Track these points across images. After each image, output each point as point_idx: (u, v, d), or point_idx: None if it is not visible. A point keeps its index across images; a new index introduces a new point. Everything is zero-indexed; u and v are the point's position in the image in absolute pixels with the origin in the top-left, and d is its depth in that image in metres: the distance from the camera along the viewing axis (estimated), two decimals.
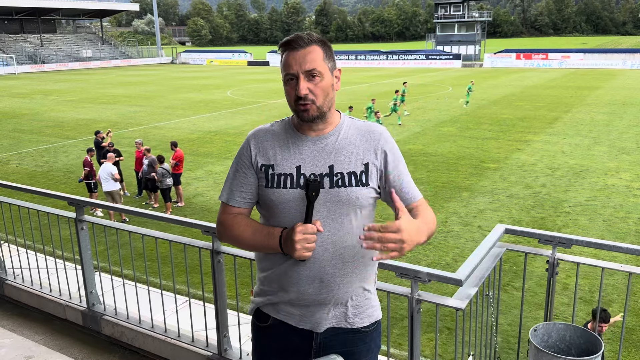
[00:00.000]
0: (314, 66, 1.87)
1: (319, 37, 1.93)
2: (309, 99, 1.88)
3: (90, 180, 12.24)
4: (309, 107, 1.89)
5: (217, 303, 3.44)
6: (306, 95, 1.87)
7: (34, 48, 72.84)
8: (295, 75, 1.88)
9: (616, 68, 51.78)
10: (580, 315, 7.28)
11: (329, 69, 1.92)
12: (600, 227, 10.63)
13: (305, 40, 1.88)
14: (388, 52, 66.09)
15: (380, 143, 1.99)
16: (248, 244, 2.02)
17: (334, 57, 1.98)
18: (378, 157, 1.98)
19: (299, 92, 1.86)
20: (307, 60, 1.87)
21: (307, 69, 1.86)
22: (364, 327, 2.07)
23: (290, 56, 1.88)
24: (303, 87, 1.87)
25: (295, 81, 1.88)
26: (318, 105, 1.90)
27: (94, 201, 4.55)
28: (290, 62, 1.88)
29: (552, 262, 2.96)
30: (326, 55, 1.91)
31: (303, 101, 1.88)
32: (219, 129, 22.49)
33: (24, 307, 4.68)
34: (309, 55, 1.87)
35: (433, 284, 2.86)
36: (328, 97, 1.92)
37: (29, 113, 28.58)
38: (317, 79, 1.88)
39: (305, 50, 1.87)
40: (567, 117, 23.51)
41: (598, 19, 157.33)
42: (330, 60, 1.93)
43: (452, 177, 14.40)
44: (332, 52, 1.95)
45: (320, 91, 1.89)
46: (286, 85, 1.92)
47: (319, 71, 1.88)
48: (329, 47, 1.94)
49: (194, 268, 8.17)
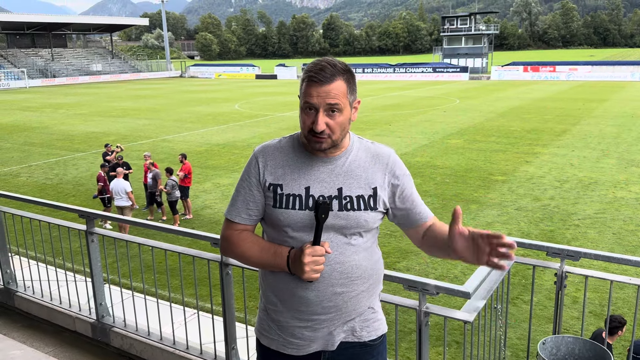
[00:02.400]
0: (336, 101, 1.83)
1: (344, 68, 1.87)
2: (325, 134, 1.85)
3: (104, 196, 12.33)
4: (324, 140, 1.86)
5: (226, 315, 3.45)
6: (323, 131, 1.84)
7: (45, 62, 73.84)
8: (315, 106, 1.84)
9: (624, 80, 51.59)
10: (589, 329, 7.20)
11: (349, 103, 1.89)
12: (610, 240, 10.55)
13: (329, 74, 1.82)
14: (395, 65, 66.35)
15: (389, 166, 2.00)
16: (254, 262, 2.01)
17: (356, 88, 1.93)
18: (387, 180, 1.98)
19: (317, 127, 1.82)
20: (330, 96, 1.82)
21: (329, 103, 1.82)
22: (371, 341, 2.07)
23: (313, 88, 1.83)
24: (321, 123, 1.82)
25: (314, 112, 1.84)
26: (333, 139, 1.88)
27: (104, 213, 4.60)
28: (312, 94, 1.83)
29: (560, 275, 2.95)
30: (349, 90, 1.87)
31: (319, 135, 1.85)
32: (227, 141, 22.62)
33: (34, 319, 4.71)
34: (333, 92, 1.82)
35: (441, 297, 2.85)
36: (344, 131, 1.90)
37: (40, 126, 28.89)
38: (336, 114, 1.84)
39: (329, 87, 1.82)
40: (575, 130, 23.43)
41: (605, 32, 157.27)
42: (352, 94, 1.89)
43: (460, 189, 14.36)
44: (355, 84, 1.91)
45: (338, 127, 1.86)
46: (303, 113, 1.88)
47: (340, 107, 1.84)
48: (352, 79, 1.89)
49: (202, 280, 8.18)
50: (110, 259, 8.48)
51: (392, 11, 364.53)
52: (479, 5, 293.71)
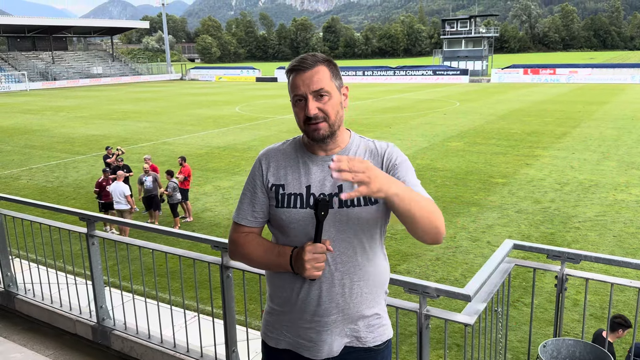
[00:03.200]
0: (322, 86, 1.89)
1: (324, 57, 1.95)
2: (320, 118, 1.90)
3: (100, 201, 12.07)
4: (320, 125, 1.90)
5: (226, 318, 3.45)
6: (316, 114, 1.89)
7: (45, 65, 73.95)
8: (303, 96, 1.90)
9: (624, 83, 51.63)
10: (590, 332, 7.19)
11: (337, 87, 1.94)
12: (610, 243, 10.54)
13: (311, 61, 1.91)
14: (395, 68, 66.43)
15: (386, 157, 2.00)
16: (259, 263, 2.04)
17: (340, 75, 1.99)
18: (384, 170, 1.98)
19: (308, 112, 1.88)
20: (314, 81, 1.89)
21: (315, 89, 1.89)
22: (376, 346, 2.07)
23: (298, 78, 1.90)
24: (312, 107, 1.88)
25: (304, 102, 1.90)
26: (330, 123, 1.91)
27: (105, 216, 4.60)
28: (297, 84, 1.90)
29: (560, 278, 2.95)
30: (332, 74, 1.94)
31: (314, 121, 1.90)
32: (227, 144, 22.64)
33: (35, 321, 4.71)
34: (316, 76, 1.89)
35: (442, 300, 2.86)
36: (338, 114, 1.94)
37: (40, 129, 28.92)
38: (325, 98, 1.90)
39: (312, 71, 1.89)
40: (575, 132, 23.44)
41: (605, 34, 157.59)
42: (337, 79, 1.95)
43: (461, 192, 14.37)
44: (338, 71, 1.97)
45: (331, 109, 1.91)
46: (295, 107, 1.94)
47: (327, 90, 1.90)
48: (334, 65, 1.96)
49: (202, 283, 8.18)
50: (111, 262, 8.47)
51: (392, 14, 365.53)
52: (479, 8, 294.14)
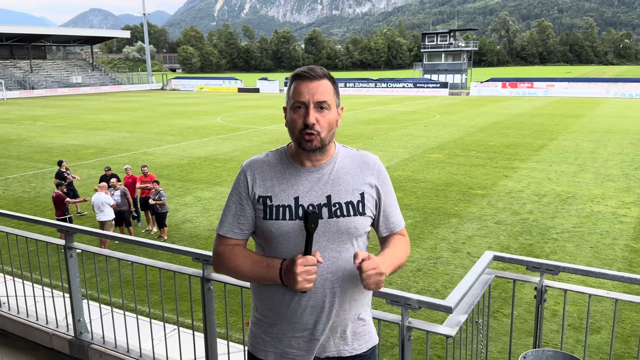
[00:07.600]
0: (325, 98, 1.92)
1: (329, 74, 1.98)
2: (315, 130, 1.91)
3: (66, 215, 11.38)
4: (314, 137, 1.92)
5: (207, 331, 3.41)
6: (314, 125, 1.90)
7: (23, 74, 72.86)
8: (305, 103, 1.91)
9: (600, 97, 52.86)
10: (569, 342, 7.28)
11: (336, 105, 1.98)
12: (587, 254, 10.71)
13: (319, 73, 1.94)
14: (377, 80, 67.02)
15: (374, 172, 2.05)
16: (246, 276, 2.02)
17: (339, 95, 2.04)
18: (373, 185, 2.04)
19: (308, 120, 1.89)
20: (320, 92, 1.91)
21: (318, 100, 1.91)
22: (363, 353, 2.10)
23: (303, 85, 1.92)
24: (312, 116, 1.90)
25: (305, 110, 1.91)
26: (322, 137, 1.93)
27: (84, 228, 4.52)
28: (302, 91, 1.91)
29: (540, 289, 2.99)
30: (335, 92, 1.98)
31: (309, 130, 1.90)
32: (208, 154, 22.51)
33: (10, 336, 4.60)
34: (322, 87, 1.92)
35: (423, 311, 2.87)
36: (331, 131, 1.97)
37: (17, 139, 28.42)
38: (325, 112, 1.93)
39: (319, 82, 1.92)
40: (552, 145, 23.86)
41: (580, 49, 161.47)
42: (337, 97, 1.99)
43: (441, 203, 14.48)
44: (338, 91, 2.02)
45: (327, 124, 1.94)
46: (293, 113, 1.94)
47: (329, 104, 1.93)
48: (336, 85, 2.01)
49: (183, 295, 8.09)
50: (89, 274, 8.30)
51: (373, 27, 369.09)
52: (458, 22, 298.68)
